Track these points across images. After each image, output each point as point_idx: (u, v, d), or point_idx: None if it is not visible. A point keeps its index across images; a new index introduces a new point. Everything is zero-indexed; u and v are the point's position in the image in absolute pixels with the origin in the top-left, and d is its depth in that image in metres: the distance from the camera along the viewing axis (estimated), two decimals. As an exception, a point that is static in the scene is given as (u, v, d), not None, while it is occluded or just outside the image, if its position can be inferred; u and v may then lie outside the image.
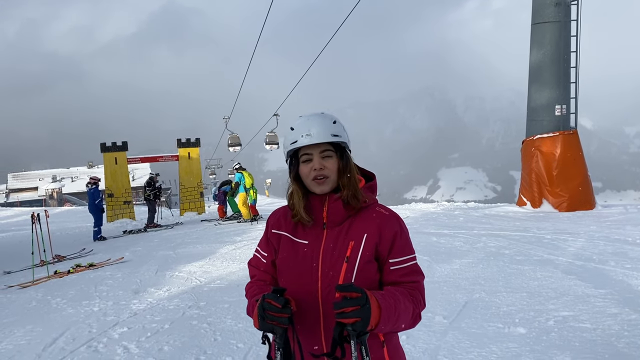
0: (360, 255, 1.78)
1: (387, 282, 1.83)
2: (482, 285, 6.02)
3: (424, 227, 11.33)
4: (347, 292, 1.54)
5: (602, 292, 5.38)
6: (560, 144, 13.28)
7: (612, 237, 8.45)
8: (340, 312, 1.53)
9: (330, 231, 1.83)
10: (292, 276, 1.83)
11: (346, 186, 1.82)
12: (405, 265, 1.83)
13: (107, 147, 22.04)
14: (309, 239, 1.85)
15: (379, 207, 1.91)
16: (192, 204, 23.37)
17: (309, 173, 1.80)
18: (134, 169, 49.47)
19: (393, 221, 1.86)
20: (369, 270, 1.79)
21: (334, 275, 1.76)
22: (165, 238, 14.24)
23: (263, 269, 1.96)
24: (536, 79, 14.24)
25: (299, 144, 1.78)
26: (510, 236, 9.31)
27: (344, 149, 1.85)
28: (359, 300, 1.54)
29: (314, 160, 1.79)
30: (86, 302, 6.74)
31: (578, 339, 4.19)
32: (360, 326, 1.53)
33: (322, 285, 1.77)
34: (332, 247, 1.80)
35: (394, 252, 1.82)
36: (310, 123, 1.79)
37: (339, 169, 1.82)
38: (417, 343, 4.30)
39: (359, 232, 1.81)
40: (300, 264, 1.82)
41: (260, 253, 1.98)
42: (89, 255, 11.84)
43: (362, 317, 1.53)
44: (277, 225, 1.94)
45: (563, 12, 13.69)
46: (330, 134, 1.79)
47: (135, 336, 5.13)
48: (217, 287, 7.15)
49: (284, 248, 1.89)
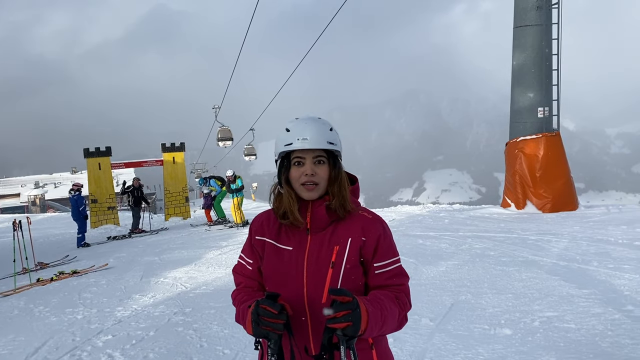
0: (346, 259, 1.77)
1: (373, 285, 1.82)
2: (468, 287, 6.06)
3: (410, 230, 11.36)
4: (339, 295, 1.53)
5: (586, 292, 5.44)
6: (543, 146, 13.42)
7: (595, 238, 8.55)
8: (332, 318, 1.53)
9: (314, 236, 1.82)
10: (278, 283, 1.81)
11: (336, 195, 1.80)
12: (390, 268, 1.83)
13: (91, 153, 21.81)
14: (293, 245, 1.83)
15: (362, 210, 1.89)
16: (177, 209, 23.19)
17: (299, 177, 1.78)
18: (118, 174, 48.96)
19: (376, 225, 1.85)
20: (354, 275, 1.79)
21: (319, 280, 1.75)
22: (150, 244, 14.12)
23: (249, 276, 1.94)
24: (519, 81, 14.39)
25: (294, 147, 1.75)
26: (495, 237, 9.38)
27: (337, 157, 1.83)
28: (350, 305, 1.53)
29: (306, 165, 1.77)
30: (69, 310, 6.65)
31: (563, 339, 4.23)
32: (352, 331, 1.53)
33: (307, 291, 1.76)
34: (317, 253, 1.79)
35: (378, 256, 1.82)
36: (307, 127, 1.76)
37: (330, 177, 1.80)
38: (404, 346, 4.30)
39: (344, 236, 1.80)
40: (286, 270, 1.80)
41: (245, 260, 1.96)
42: (72, 262, 11.68)
43: (353, 321, 1.52)
44: (260, 232, 1.92)
45: (544, 15, 13.86)
46: (327, 141, 1.77)
47: (120, 344, 5.07)
48: (203, 292, 7.10)
49: (269, 255, 1.87)
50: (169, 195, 23.25)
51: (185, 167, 24.87)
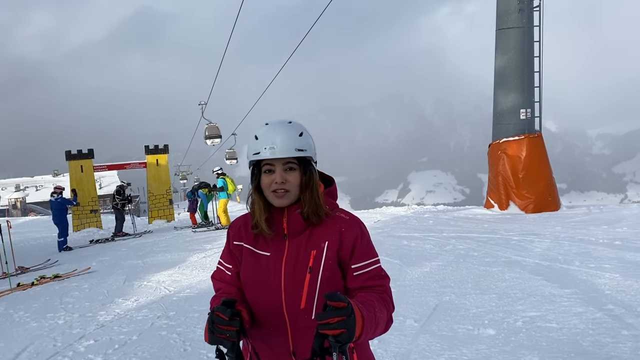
0: (323, 263, 1.74)
1: (352, 288, 1.79)
2: (452, 288, 6.09)
3: (395, 231, 11.41)
4: (335, 301, 1.46)
5: (568, 291, 5.50)
6: (525, 147, 13.57)
7: (576, 238, 8.66)
8: (325, 324, 1.45)
9: (292, 241, 1.79)
10: (256, 289, 1.79)
11: (307, 202, 1.76)
12: (369, 269, 1.79)
13: (73, 155, 21.56)
14: (271, 250, 1.80)
15: (339, 212, 1.86)
16: (161, 211, 23.02)
17: (270, 185, 1.74)
18: (101, 176, 48.53)
19: (353, 225, 1.81)
20: (333, 279, 1.76)
21: (297, 286, 1.72)
22: (134, 247, 13.98)
23: (228, 282, 1.89)
24: (501, 83, 14.54)
25: (262, 156, 1.71)
26: (478, 238, 9.46)
27: (309, 162, 1.78)
28: (345, 311, 1.46)
29: (275, 173, 1.73)
30: (51, 315, 6.54)
31: (545, 338, 4.27)
32: (346, 338, 1.45)
33: (285, 297, 1.73)
34: (295, 258, 1.76)
35: (356, 257, 1.78)
36: (275, 134, 1.71)
37: (301, 184, 1.76)
38: (389, 347, 4.31)
39: (320, 240, 1.77)
40: (263, 276, 1.77)
41: (224, 265, 1.92)
42: (54, 266, 11.51)
43: (348, 328, 1.45)
44: (237, 237, 1.89)
45: (526, 18, 14.02)
46: (295, 148, 1.71)
47: (103, 349, 5.00)
48: (187, 296, 7.04)
49: (246, 260, 1.84)
50: (152, 197, 23.06)
51: (169, 169, 24.70)
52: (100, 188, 36.96)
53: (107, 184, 54.87)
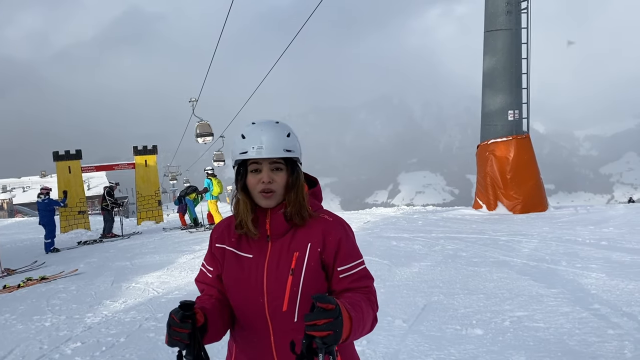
0: (306, 265, 1.73)
1: (338, 290, 1.78)
2: (441, 288, 6.12)
3: (384, 232, 11.44)
4: (323, 302, 1.46)
5: (555, 291, 5.55)
6: (513, 148, 13.67)
7: (563, 238, 8.74)
8: (312, 325, 1.45)
9: (275, 243, 1.78)
10: (239, 291, 1.78)
11: (292, 203, 1.75)
12: (354, 271, 1.79)
13: (61, 156, 21.35)
14: (254, 252, 1.79)
15: (323, 213, 1.85)
16: (150, 212, 22.88)
17: (257, 185, 1.73)
18: (89, 177, 48.14)
19: (337, 227, 1.81)
20: (315, 281, 1.75)
21: (279, 288, 1.71)
22: (122, 248, 13.89)
23: (209, 283, 1.88)
24: (489, 85, 14.64)
25: (249, 155, 1.70)
26: (467, 239, 9.51)
27: (295, 163, 1.78)
28: (332, 313, 1.46)
29: (262, 173, 1.72)
30: (37, 317, 6.48)
31: (532, 338, 4.31)
32: (333, 339, 1.46)
33: (268, 300, 1.72)
34: (277, 260, 1.75)
35: (341, 259, 1.77)
36: (262, 134, 1.70)
37: (287, 184, 1.75)
38: (377, 347, 4.32)
39: (303, 241, 1.76)
40: (246, 278, 1.76)
41: (206, 267, 1.91)
42: (41, 267, 11.40)
43: (335, 329, 1.45)
44: (220, 239, 1.87)
45: (514, 20, 14.13)
46: (283, 148, 1.71)
47: (90, 351, 4.96)
48: (175, 297, 7.00)
49: (229, 263, 1.83)
50: (141, 198, 22.92)
51: (158, 170, 24.56)
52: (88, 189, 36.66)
53: (95, 185, 54.46)
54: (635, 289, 5.41)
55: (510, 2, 13.93)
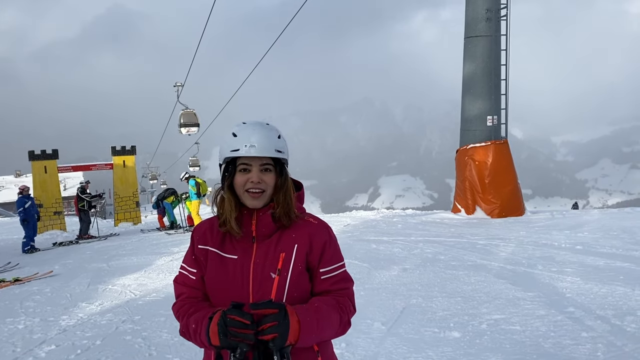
0: (292, 267, 1.75)
1: (318, 291, 1.81)
2: (419, 291, 6.16)
3: (364, 235, 11.47)
4: (261, 309, 1.55)
5: (531, 295, 5.63)
6: (492, 153, 13.84)
7: (540, 242, 8.88)
8: (260, 330, 1.53)
9: (260, 244, 1.79)
10: (223, 293, 1.77)
11: (280, 204, 1.78)
12: (335, 273, 1.83)
13: (36, 155, 20.91)
14: (238, 253, 1.79)
15: (308, 216, 1.89)
16: (128, 214, 22.57)
17: (245, 184, 1.74)
18: (66, 178, 47.25)
19: (322, 231, 1.85)
20: (301, 282, 1.77)
21: (266, 289, 1.72)
22: (99, 250, 13.68)
23: (192, 286, 1.87)
24: (469, 90, 14.81)
25: (241, 153, 1.71)
26: (445, 242, 9.59)
27: (284, 165, 1.81)
28: (277, 317, 1.54)
29: (252, 172, 1.74)
30: (10, 320, 6.34)
31: (508, 340, 4.36)
32: (279, 342, 1.53)
33: (253, 301, 1.72)
34: (263, 261, 1.76)
35: (324, 262, 1.82)
36: (254, 133, 1.73)
37: (276, 185, 1.78)
38: (356, 350, 4.33)
39: (290, 243, 1.78)
40: (231, 280, 1.77)
41: (187, 270, 1.89)
42: (14, 269, 11.16)
43: (280, 332, 1.53)
44: (202, 240, 1.87)
45: (494, 27, 14.32)
46: (275, 149, 1.74)
47: (64, 354, 4.87)
48: (153, 300, 6.93)
49: (212, 264, 1.82)
50: (119, 200, 22.60)
51: (137, 170, 24.25)
52: (64, 189, 36.01)
53: (71, 185, 53.44)
54: (608, 292, 5.52)
55: (490, 9, 14.12)
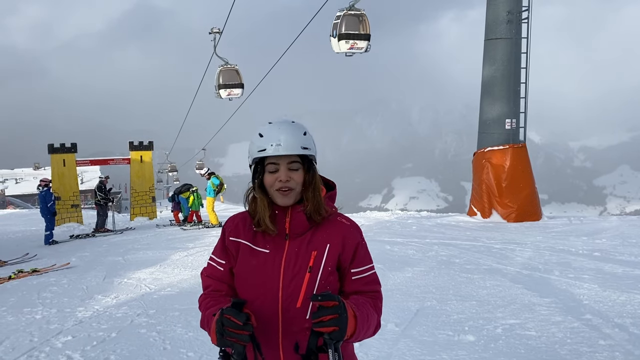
0: (323, 265, 1.77)
1: (349, 291, 1.83)
2: (433, 294, 6.13)
3: (378, 236, 11.44)
4: (323, 301, 1.54)
5: (547, 300, 5.57)
6: (509, 157, 13.73)
7: (557, 248, 8.78)
8: (319, 321, 1.53)
9: (292, 242, 1.80)
10: (252, 286, 1.79)
11: (310, 200, 1.79)
12: (366, 274, 1.86)
13: (55, 149, 21.22)
14: (270, 248, 1.81)
15: (340, 217, 1.91)
16: (144, 208, 22.78)
17: (274, 183, 1.76)
18: (83, 171, 47.86)
19: (355, 233, 1.87)
20: (330, 281, 1.79)
21: (296, 285, 1.74)
22: (115, 243, 13.82)
23: (219, 278, 1.89)
24: (488, 93, 14.69)
25: (267, 152, 1.73)
26: (460, 245, 9.53)
27: (311, 162, 1.82)
28: (337, 309, 1.54)
29: (280, 171, 1.75)
30: (28, 310, 6.44)
31: (524, 346, 4.32)
32: (338, 335, 1.54)
33: (283, 296, 1.74)
34: (295, 257, 1.78)
35: (356, 262, 1.84)
36: (280, 132, 1.74)
37: (305, 182, 1.79)
38: (370, 351, 4.32)
39: (322, 242, 1.80)
40: (261, 273, 1.78)
41: (216, 261, 1.91)
42: (32, 260, 11.33)
43: (340, 325, 1.54)
44: (235, 233, 1.88)
45: (515, 29, 14.20)
46: (300, 146, 1.75)
47: (80, 345, 4.94)
48: (168, 294, 6.98)
49: (243, 257, 1.84)
50: (135, 194, 22.82)
51: (153, 166, 24.46)
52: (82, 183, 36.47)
53: (89, 179, 54.13)
54: (627, 300, 5.44)
55: (511, 12, 14.00)
